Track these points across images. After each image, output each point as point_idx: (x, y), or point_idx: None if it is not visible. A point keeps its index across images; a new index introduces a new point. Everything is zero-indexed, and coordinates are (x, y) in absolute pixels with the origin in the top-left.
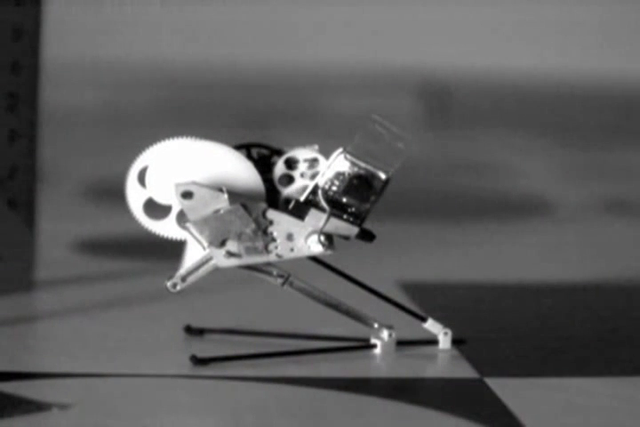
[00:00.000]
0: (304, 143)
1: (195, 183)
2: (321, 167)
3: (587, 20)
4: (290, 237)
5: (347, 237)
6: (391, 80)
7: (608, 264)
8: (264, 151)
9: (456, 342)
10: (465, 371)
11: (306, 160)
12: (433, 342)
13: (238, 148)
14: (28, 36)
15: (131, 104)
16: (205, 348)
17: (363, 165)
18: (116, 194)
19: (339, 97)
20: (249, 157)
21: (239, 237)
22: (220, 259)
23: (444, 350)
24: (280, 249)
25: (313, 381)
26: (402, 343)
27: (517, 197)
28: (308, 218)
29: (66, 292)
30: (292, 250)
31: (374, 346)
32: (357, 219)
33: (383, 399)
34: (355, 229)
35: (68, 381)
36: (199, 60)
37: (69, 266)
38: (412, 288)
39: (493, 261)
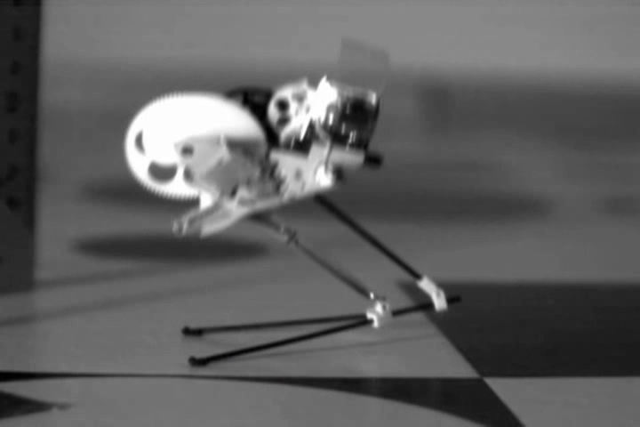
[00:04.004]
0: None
1: (192, 138)
2: (297, 101)
3: (587, 20)
4: (298, 174)
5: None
6: (390, 80)
7: (608, 264)
8: (259, 99)
9: (451, 300)
10: (465, 371)
11: (295, 97)
12: (428, 306)
13: (230, 95)
14: (28, 36)
15: (131, 104)
16: (205, 348)
17: (350, 89)
18: (117, 194)
19: None
20: (245, 101)
21: (248, 183)
22: (234, 207)
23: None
24: (291, 188)
25: (313, 381)
26: (397, 313)
27: (517, 197)
28: (311, 154)
29: (66, 292)
30: (302, 187)
31: (371, 321)
32: (360, 146)
33: (383, 399)
34: (360, 156)
35: (68, 381)
36: (199, 60)
37: (69, 266)
38: (412, 288)
39: (493, 262)
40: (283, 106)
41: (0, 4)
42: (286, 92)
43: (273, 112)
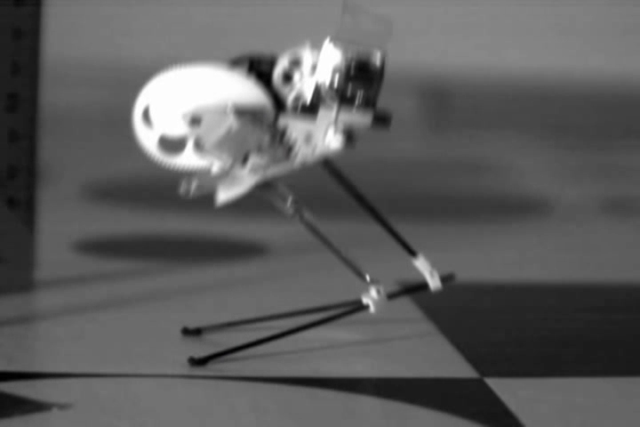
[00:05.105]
0: None
1: (200, 108)
2: (306, 63)
3: (587, 20)
4: (308, 138)
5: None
6: (391, 80)
7: (608, 264)
8: (264, 67)
9: (445, 279)
10: (465, 371)
11: (292, 63)
12: (422, 286)
13: (234, 63)
14: (28, 36)
15: (131, 104)
16: (204, 348)
17: (355, 50)
18: (117, 194)
19: None
20: (250, 69)
21: (259, 149)
22: (246, 174)
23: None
24: (302, 153)
25: (313, 381)
26: (393, 296)
27: (517, 197)
28: (319, 117)
29: (66, 292)
30: (313, 151)
31: (367, 306)
32: (368, 106)
33: (383, 399)
34: (369, 116)
35: (68, 381)
36: (200, 59)
37: (69, 266)
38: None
39: (493, 262)
40: (287, 77)
41: (0, 4)
42: (285, 61)
43: (278, 82)
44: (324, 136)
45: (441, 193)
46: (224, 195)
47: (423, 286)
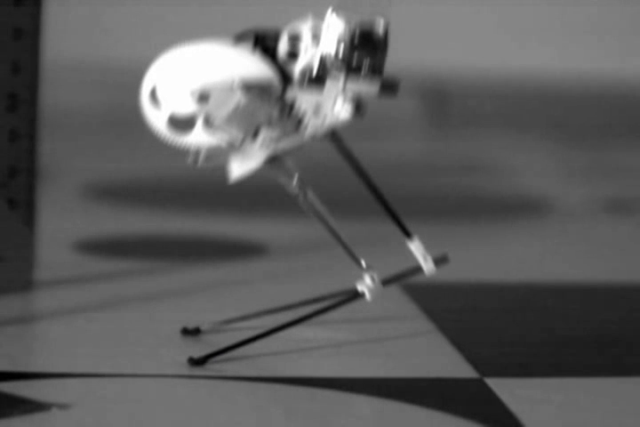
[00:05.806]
0: None
1: (207, 84)
2: (305, 38)
3: (586, 20)
4: (317, 110)
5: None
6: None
7: (608, 264)
8: (269, 42)
9: (438, 262)
10: (465, 371)
11: (292, 39)
12: (416, 270)
13: (239, 38)
14: (28, 36)
15: (131, 104)
16: (204, 348)
17: (358, 19)
18: (117, 194)
19: None
20: (255, 44)
21: (269, 123)
22: (257, 149)
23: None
24: (311, 124)
25: (313, 381)
26: (387, 282)
27: (517, 197)
28: (326, 89)
29: (66, 292)
30: (322, 122)
31: (362, 294)
32: (374, 74)
33: (383, 399)
34: (376, 84)
35: (68, 381)
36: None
37: (69, 266)
38: (412, 289)
39: (493, 262)
40: (292, 55)
41: (0, 4)
42: (285, 37)
43: (283, 56)
44: (332, 106)
45: (441, 193)
46: (237, 170)
47: (417, 269)
